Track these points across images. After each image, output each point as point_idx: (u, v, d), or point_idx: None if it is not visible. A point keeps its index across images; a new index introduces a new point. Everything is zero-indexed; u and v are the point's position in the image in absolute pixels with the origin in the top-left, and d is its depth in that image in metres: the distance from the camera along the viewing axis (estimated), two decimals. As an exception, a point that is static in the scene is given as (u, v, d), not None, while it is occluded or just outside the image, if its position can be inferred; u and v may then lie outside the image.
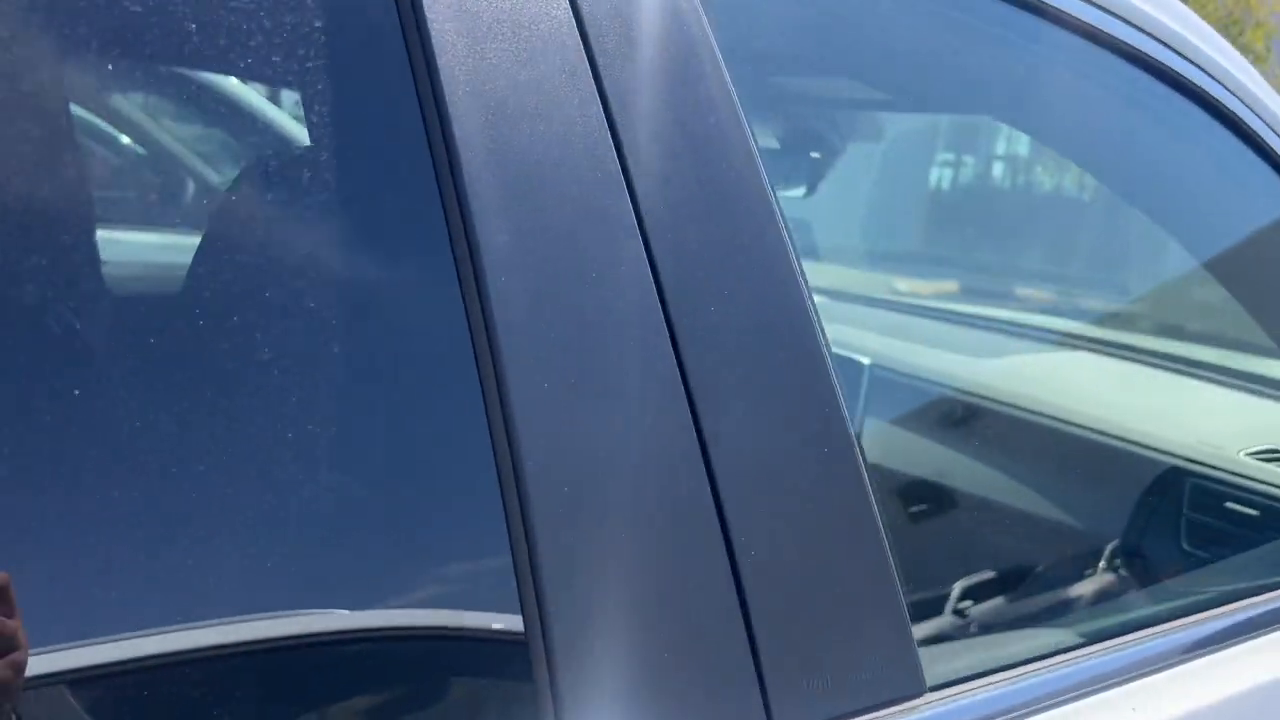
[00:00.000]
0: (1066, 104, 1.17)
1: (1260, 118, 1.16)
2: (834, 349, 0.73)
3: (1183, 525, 1.49)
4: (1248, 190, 1.29)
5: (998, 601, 1.49)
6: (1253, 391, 1.70)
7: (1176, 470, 1.51)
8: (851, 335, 2.05)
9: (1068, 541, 1.55)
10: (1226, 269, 1.36)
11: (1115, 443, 1.58)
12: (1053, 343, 2.08)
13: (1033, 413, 1.70)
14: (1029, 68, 1.11)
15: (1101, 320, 2.34)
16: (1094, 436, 1.61)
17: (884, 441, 1.82)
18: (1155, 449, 1.54)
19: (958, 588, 1.27)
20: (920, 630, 0.77)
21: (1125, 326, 2.18)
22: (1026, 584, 1.47)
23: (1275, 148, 1.19)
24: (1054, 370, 1.92)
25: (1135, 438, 1.57)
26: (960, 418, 1.80)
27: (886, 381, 1.90)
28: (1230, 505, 1.44)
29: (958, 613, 1.28)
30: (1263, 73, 1.59)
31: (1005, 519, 1.59)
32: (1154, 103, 1.15)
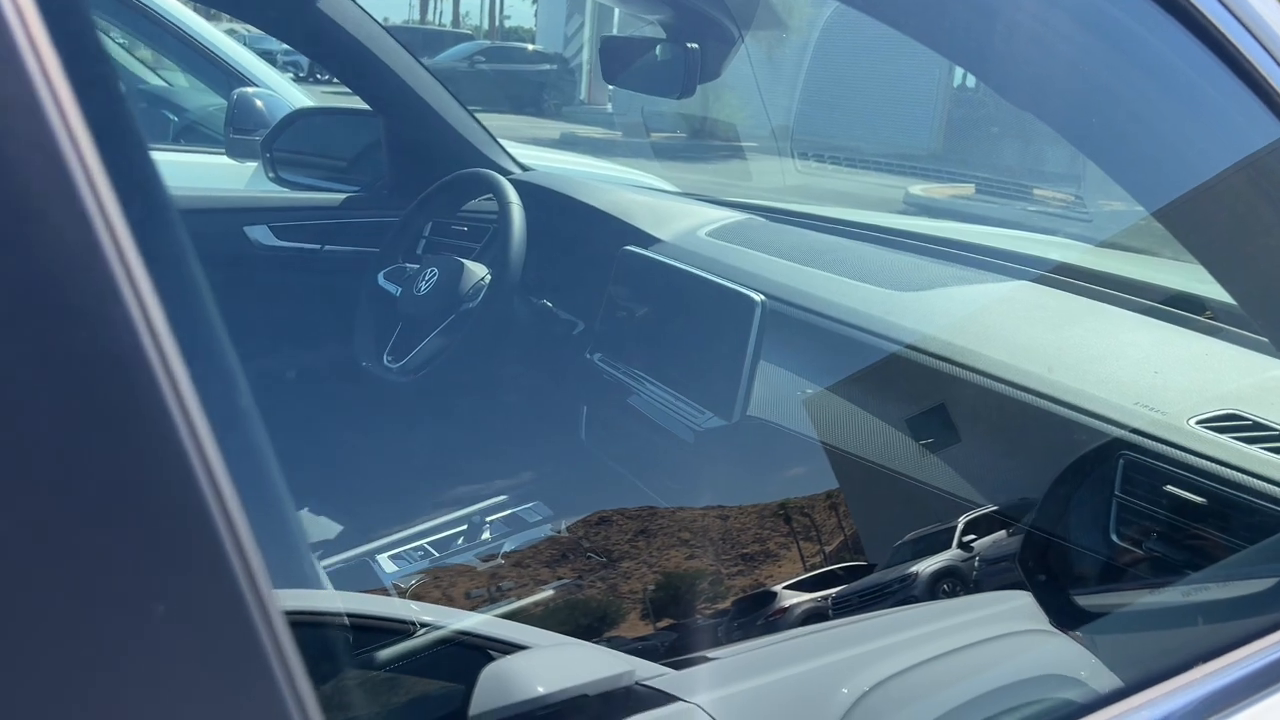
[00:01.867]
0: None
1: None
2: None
3: (1112, 510, 1.19)
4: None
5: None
6: (1224, 337, 1.38)
7: (1104, 437, 1.20)
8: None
9: (939, 531, 1.27)
10: (1201, 213, 1.05)
11: (1035, 400, 1.27)
12: (979, 265, 1.75)
13: (929, 354, 1.40)
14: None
15: (1051, 245, 2.01)
16: (1006, 390, 1.30)
17: (769, 384, 1.53)
18: (1082, 409, 1.23)
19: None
20: None
21: (1080, 252, 1.85)
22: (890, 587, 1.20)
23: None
24: (967, 301, 1.60)
25: (1058, 394, 1.26)
26: (857, 362, 1.51)
27: (776, 315, 1.60)
28: (1170, 489, 1.14)
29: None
30: None
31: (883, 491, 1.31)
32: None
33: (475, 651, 1.20)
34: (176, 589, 0.32)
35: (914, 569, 1.37)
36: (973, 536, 1.35)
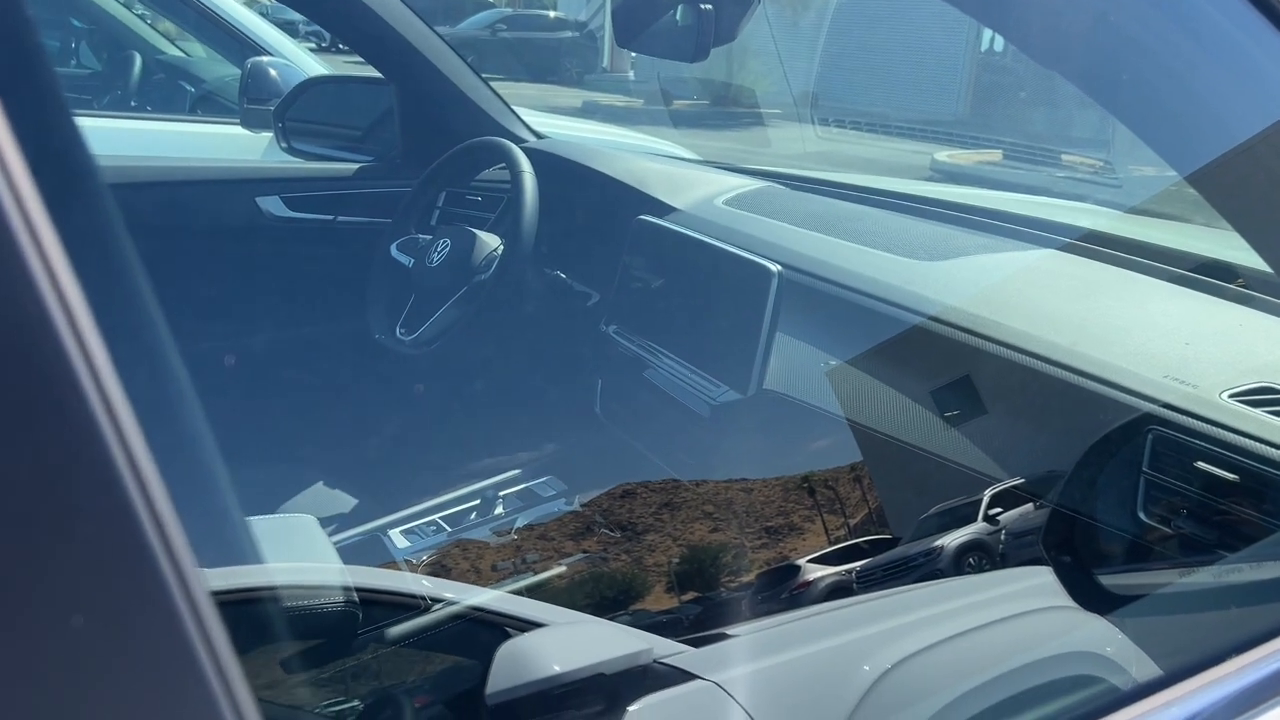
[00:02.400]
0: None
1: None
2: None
3: (1140, 487, 1.15)
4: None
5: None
6: (1258, 306, 1.33)
7: (1132, 412, 1.16)
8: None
9: (965, 504, 1.23)
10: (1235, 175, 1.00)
11: (1060, 373, 1.23)
12: (1004, 233, 1.69)
13: (951, 325, 1.35)
14: None
15: (1081, 212, 1.95)
16: (1030, 362, 1.26)
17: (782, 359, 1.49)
18: (1108, 383, 1.19)
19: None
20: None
21: (1111, 218, 1.79)
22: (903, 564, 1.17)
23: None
24: (991, 270, 1.55)
25: (1084, 367, 1.22)
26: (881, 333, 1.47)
27: (794, 286, 1.56)
28: (1201, 465, 1.10)
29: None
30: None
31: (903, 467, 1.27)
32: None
33: (492, 629, 1.18)
34: (100, 594, 0.29)
35: (939, 543, 1.33)
36: (999, 510, 1.31)
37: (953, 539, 1.33)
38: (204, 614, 0.31)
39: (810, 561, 1.46)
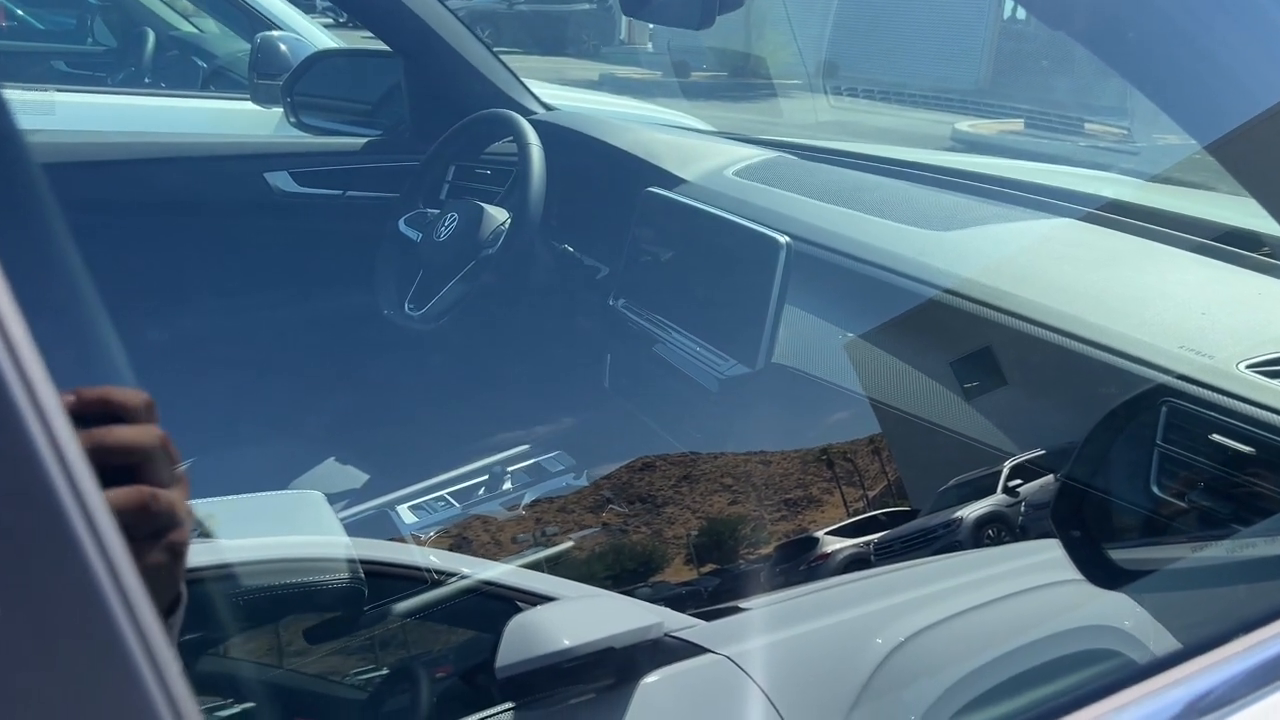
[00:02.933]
0: None
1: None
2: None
3: (1154, 461, 1.12)
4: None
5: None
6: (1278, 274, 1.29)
7: (1146, 383, 1.13)
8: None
9: (984, 476, 1.21)
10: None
11: (1072, 344, 1.20)
12: (1021, 203, 1.66)
13: (962, 297, 1.33)
14: None
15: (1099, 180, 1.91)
16: (1041, 333, 1.23)
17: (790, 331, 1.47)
18: (1121, 354, 1.16)
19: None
20: None
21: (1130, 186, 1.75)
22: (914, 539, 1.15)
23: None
24: (1004, 240, 1.52)
25: (1096, 338, 1.19)
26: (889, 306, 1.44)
27: (804, 258, 1.53)
28: (1216, 438, 1.07)
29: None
30: None
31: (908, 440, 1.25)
32: None
33: (502, 602, 1.17)
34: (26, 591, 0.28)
35: (958, 515, 1.32)
36: (1019, 482, 1.29)
37: (972, 511, 1.32)
38: (138, 609, 0.30)
39: (829, 534, 1.45)
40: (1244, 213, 1.46)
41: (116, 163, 1.99)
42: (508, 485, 1.70)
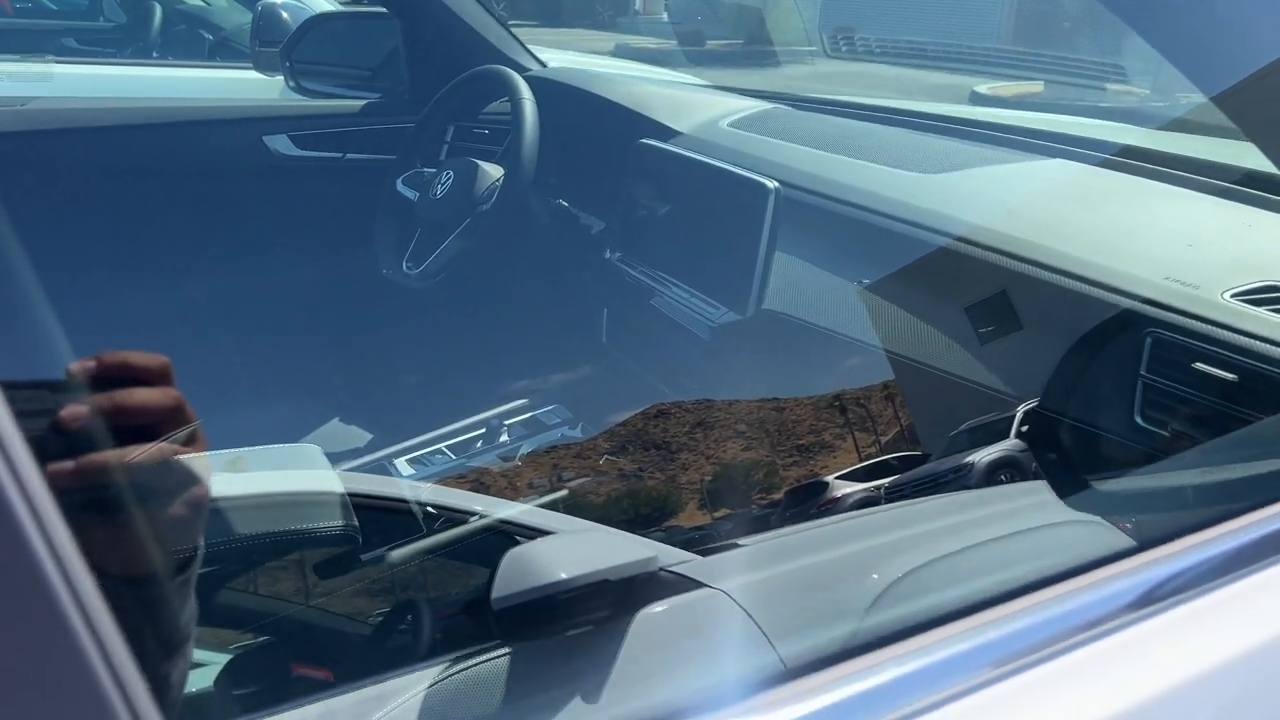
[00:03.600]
0: None
1: None
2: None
3: (1138, 393, 1.11)
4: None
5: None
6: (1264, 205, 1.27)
7: (1132, 317, 1.12)
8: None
9: (997, 420, 1.20)
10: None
11: (1056, 279, 1.19)
12: (1020, 147, 1.64)
13: (950, 236, 1.31)
14: None
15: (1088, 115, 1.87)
16: (1027, 269, 1.22)
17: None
18: (1105, 286, 1.15)
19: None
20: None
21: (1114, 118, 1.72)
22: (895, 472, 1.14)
23: None
24: (996, 181, 1.50)
25: (1081, 271, 1.18)
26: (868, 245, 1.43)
27: (798, 205, 1.52)
28: (1199, 366, 1.06)
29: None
30: None
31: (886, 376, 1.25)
32: None
33: (499, 536, 1.18)
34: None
35: (970, 459, 1.31)
36: (1030, 426, 1.28)
37: (984, 456, 1.31)
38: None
39: (839, 478, 1.44)
40: (1243, 157, 1.43)
41: (115, 128, 2.01)
42: (505, 438, 1.71)
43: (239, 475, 1.15)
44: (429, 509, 1.23)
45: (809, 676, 0.59)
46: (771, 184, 1.49)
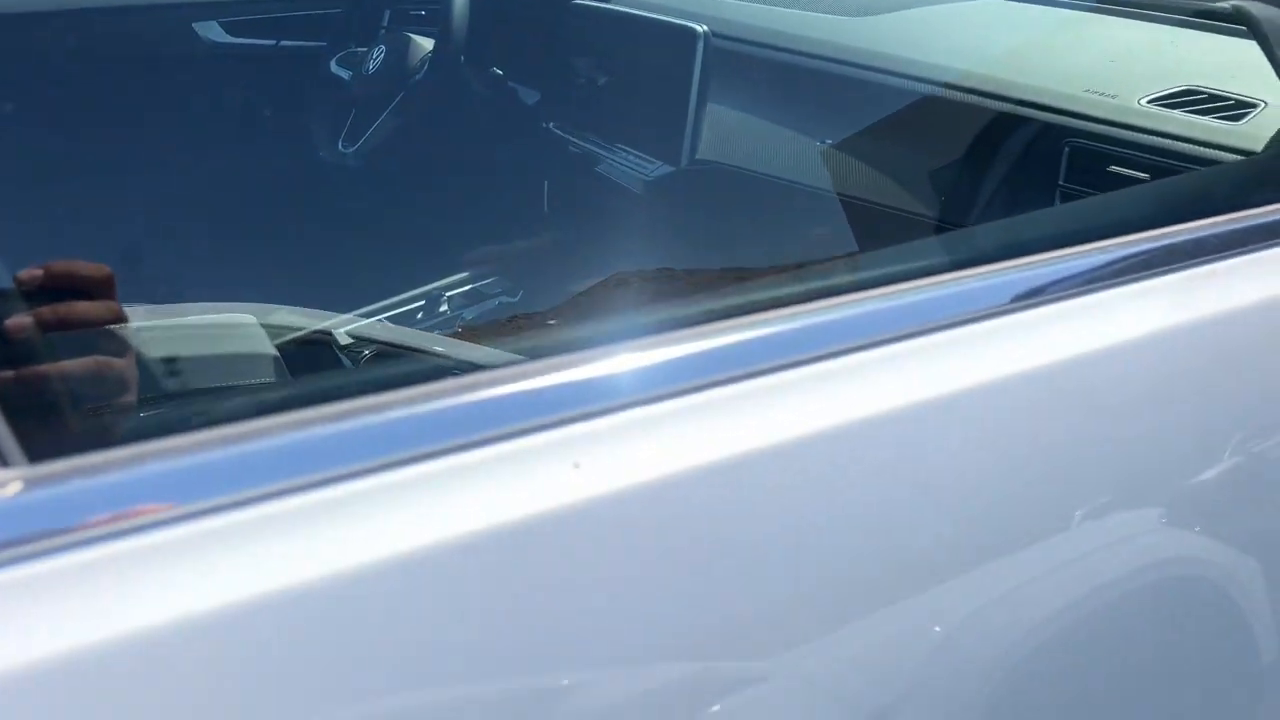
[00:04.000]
0: None
1: None
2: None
3: (1056, 202, 1.11)
4: None
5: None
6: (1190, 24, 1.26)
7: (1051, 128, 1.11)
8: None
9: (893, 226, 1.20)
10: None
11: (976, 100, 1.18)
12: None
13: (877, 70, 1.30)
14: None
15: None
16: (949, 94, 1.21)
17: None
18: (1023, 102, 1.14)
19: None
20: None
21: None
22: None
23: None
24: (927, 19, 1.48)
25: (1002, 91, 1.17)
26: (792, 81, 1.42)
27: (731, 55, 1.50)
28: (1115, 169, 1.06)
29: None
30: None
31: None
32: None
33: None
34: None
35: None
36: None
37: None
38: None
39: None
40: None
41: (35, 14, 1.95)
42: (444, 309, 1.70)
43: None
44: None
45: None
46: (700, 28, 1.47)
